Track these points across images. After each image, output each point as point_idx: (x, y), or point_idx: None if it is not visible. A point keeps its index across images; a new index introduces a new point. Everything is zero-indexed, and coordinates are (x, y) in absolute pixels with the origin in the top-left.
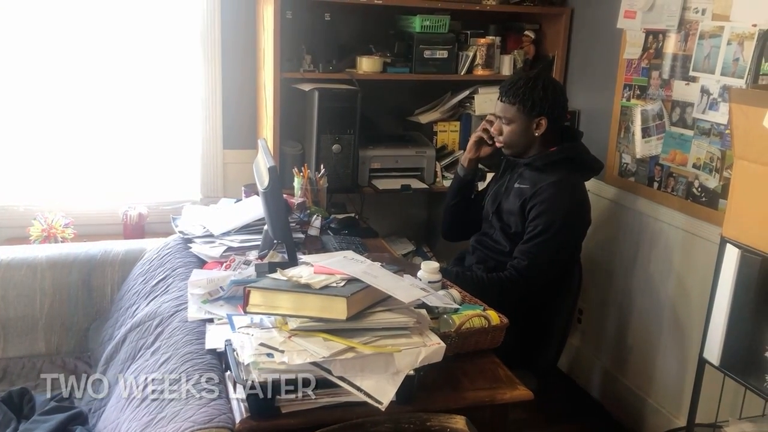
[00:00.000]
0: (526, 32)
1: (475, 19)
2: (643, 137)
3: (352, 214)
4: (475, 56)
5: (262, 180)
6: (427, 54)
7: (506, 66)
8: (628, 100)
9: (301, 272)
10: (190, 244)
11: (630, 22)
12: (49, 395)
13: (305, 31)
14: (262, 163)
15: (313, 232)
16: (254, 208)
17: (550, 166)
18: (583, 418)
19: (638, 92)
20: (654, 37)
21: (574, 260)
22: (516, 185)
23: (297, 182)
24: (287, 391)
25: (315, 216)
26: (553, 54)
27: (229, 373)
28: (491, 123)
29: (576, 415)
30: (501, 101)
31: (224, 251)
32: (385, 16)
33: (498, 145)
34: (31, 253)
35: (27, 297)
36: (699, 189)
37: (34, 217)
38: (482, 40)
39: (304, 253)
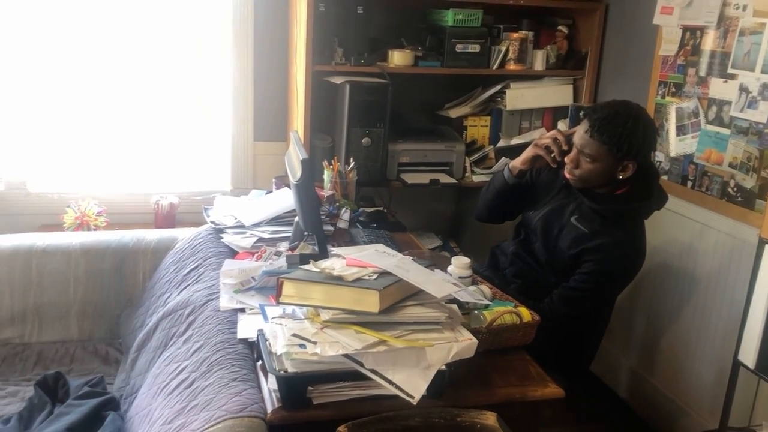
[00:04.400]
0: (560, 27)
1: (508, 14)
2: (678, 135)
3: (381, 208)
4: (507, 51)
5: (295, 172)
6: (459, 48)
7: (539, 61)
8: (663, 97)
9: (334, 264)
10: (221, 235)
11: (667, 18)
12: (83, 380)
13: (337, 24)
14: (295, 156)
15: (342, 224)
16: (285, 200)
17: (617, 217)
18: (611, 417)
19: (673, 90)
20: (691, 34)
21: None
22: (573, 221)
23: (327, 175)
24: (319, 382)
25: (344, 209)
26: (587, 50)
27: (260, 363)
28: (557, 142)
29: (603, 414)
30: (589, 136)
31: (255, 242)
32: (417, 10)
33: (568, 176)
34: (65, 240)
35: (61, 283)
36: (735, 189)
37: (67, 204)
38: (515, 35)
39: (333, 246)
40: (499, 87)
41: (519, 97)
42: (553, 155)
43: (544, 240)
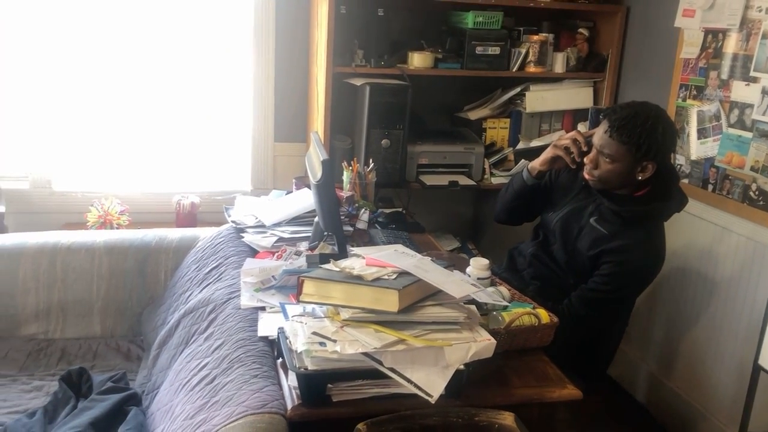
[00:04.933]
0: (580, 30)
1: (528, 16)
2: (699, 138)
3: (399, 209)
4: (527, 53)
5: (315, 172)
6: (479, 50)
7: (559, 63)
8: (684, 100)
9: (353, 264)
10: (242, 234)
11: (688, 20)
12: (106, 376)
13: (358, 26)
14: (315, 156)
15: (361, 225)
16: (304, 200)
17: (636, 219)
18: (628, 421)
19: (695, 92)
20: (713, 37)
21: None
22: (592, 222)
23: (346, 176)
24: (338, 380)
25: (363, 209)
26: (607, 52)
27: (280, 360)
28: (576, 143)
29: (620, 418)
30: (609, 136)
31: (275, 242)
32: (437, 12)
33: (587, 177)
34: (89, 238)
35: (85, 281)
36: (756, 192)
37: (91, 203)
38: (535, 37)
39: (352, 246)
40: (518, 89)
41: (539, 99)
42: (572, 156)
43: (563, 241)
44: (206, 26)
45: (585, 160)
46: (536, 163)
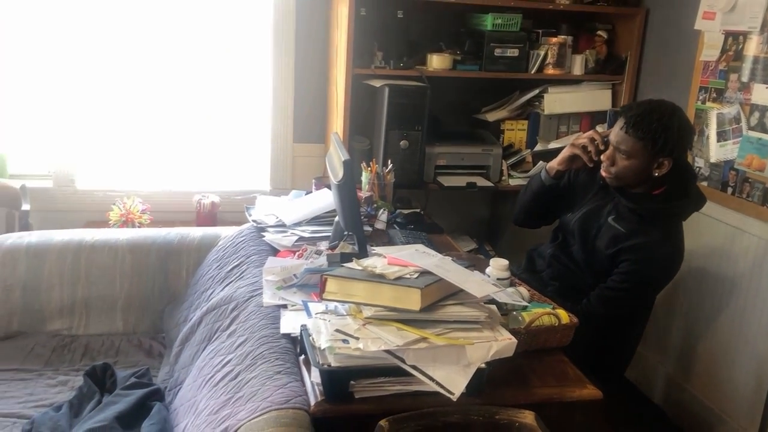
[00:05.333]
0: (599, 32)
1: (547, 18)
2: (718, 141)
3: (418, 210)
4: (546, 55)
5: (336, 172)
6: (497, 52)
7: (577, 66)
8: (704, 103)
9: (375, 263)
10: (263, 233)
11: (709, 23)
12: (129, 371)
13: (378, 28)
14: (336, 157)
15: (380, 225)
16: (324, 200)
17: (654, 216)
18: (645, 424)
19: (714, 95)
20: (734, 39)
21: None
22: (611, 221)
23: (365, 177)
24: (360, 377)
25: (381, 210)
26: (626, 54)
27: (302, 357)
28: (593, 141)
29: (637, 421)
30: (625, 132)
31: (296, 241)
32: (456, 14)
33: (605, 174)
34: (113, 236)
35: (108, 278)
36: None
37: (113, 202)
38: (554, 39)
39: (372, 246)
40: (537, 91)
41: (557, 101)
42: (589, 154)
43: (581, 241)
44: (227, 27)
45: (602, 157)
46: (554, 163)
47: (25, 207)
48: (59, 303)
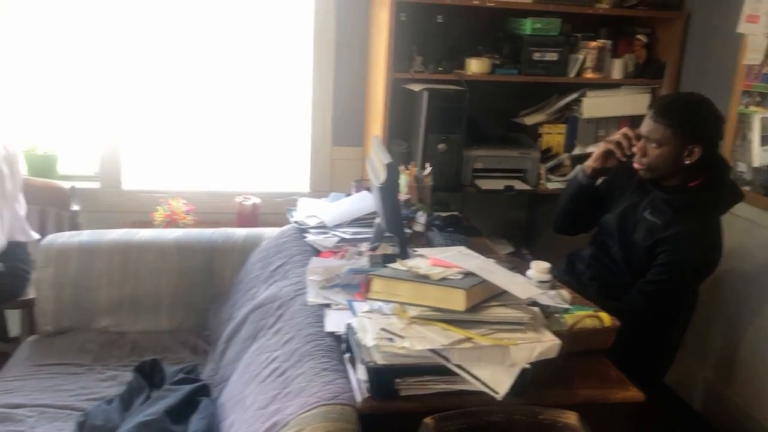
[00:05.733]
0: (639, 36)
1: (586, 22)
2: (762, 145)
3: (456, 212)
4: (585, 59)
5: (378, 175)
6: (536, 56)
7: (616, 70)
8: (747, 107)
9: (419, 264)
10: (304, 234)
11: (752, 26)
12: (177, 367)
13: (417, 32)
14: (378, 160)
15: (419, 228)
16: (364, 203)
17: (689, 207)
18: (685, 430)
19: (758, 99)
20: None
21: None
22: (647, 215)
23: (403, 179)
24: (406, 375)
25: (420, 212)
26: (666, 59)
27: (348, 355)
28: (626, 137)
29: (676, 426)
30: (654, 121)
31: (337, 242)
32: (495, 18)
33: (637, 166)
34: (160, 235)
35: (155, 276)
36: None
37: (157, 203)
38: (593, 44)
39: (412, 248)
40: (575, 95)
41: (596, 105)
42: (623, 149)
43: (619, 237)
44: (268, 31)
45: (634, 149)
46: (589, 161)
47: (74, 208)
48: (108, 300)
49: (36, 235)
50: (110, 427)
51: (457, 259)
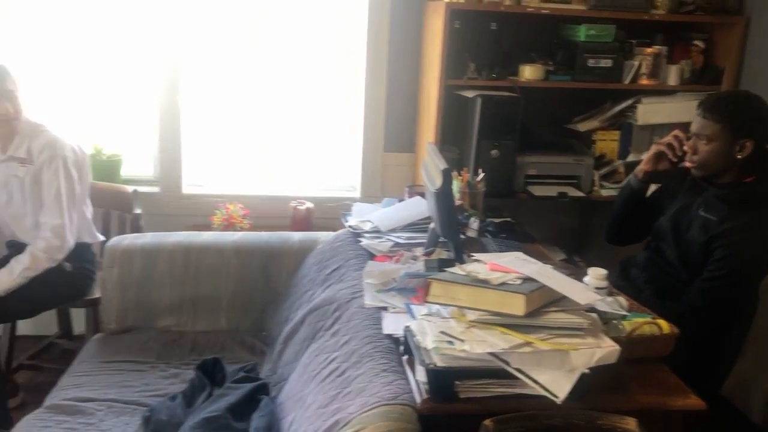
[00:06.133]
0: (695, 42)
1: (641, 28)
2: None
3: (509, 219)
4: (640, 65)
5: (434, 180)
6: (590, 63)
7: (672, 76)
8: None
9: (478, 268)
10: (359, 239)
11: None
12: (238, 366)
13: (471, 39)
14: (433, 165)
15: (471, 234)
16: (418, 208)
17: (744, 201)
18: None
19: None
20: None
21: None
22: (701, 213)
23: (456, 185)
24: (465, 378)
25: (472, 218)
26: (724, 65)
27: (406, 357)
28: (677, 138)
29: None
30: (703, 117)
31: (391, 246)
32: (549, 25)
33: (689, 165)
34: (220, 238)
35: (214, 278)
36: None
37: (215, 206)
38: (648, 50)
39: (466, 254)
40: (630, 102)
41: (651, 111)
42: (674, 150)
43: (674, 237)
44: (323, 38)
45: (685, 148)
46: (641, 164)
47: (137, 211)
48: (169, 300)
49: (101, 237)
50: (174, 423)
51: (515, 264)
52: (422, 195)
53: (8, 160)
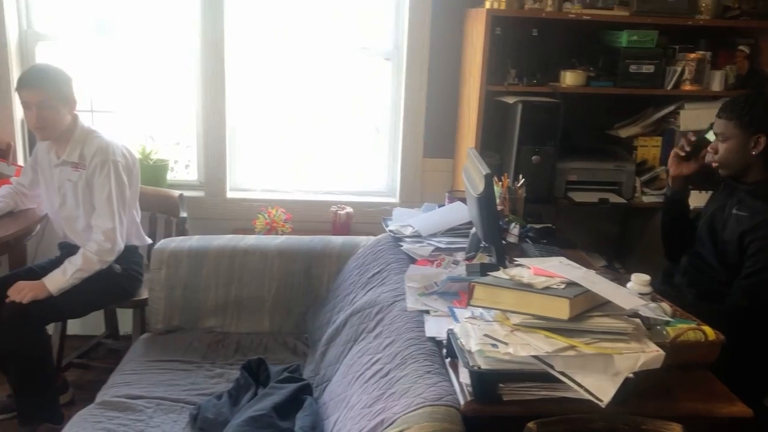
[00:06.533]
0: (740, 47)
1: (684, 34)
2: None
3: (549, 224)
4: (683, 71)
5: (476, 186)
6: (632, 68)
7: (716, 82)
8: None
9: (522, 273)
10: (400, 243)
11: None
12: (282, 366)
13: (511, 46)
14: (475, 171)
15: (512, 239)
16: (458, 213)
17: None
18: None
19: None
20: None
21: None
22: (734, 211)
23: (496, 191)
24: (509, 381)
25: (513, 224)
26: None
27: (449, 360)
28: (688, 140)
29: None
30: (719, 117)
31: (432, 251)
32: (590, 32)
33: (713, 164)
34: (263, 242)
35: (258, 280)
36: None
37: (258, 211)
38: (692, 55)
39: (508, 259)
40: (672, 107)
41: (694, 117)
42: (682, 145)
43: (711, 238)
44: (361, 44)
45: (708, 148)
46: (670, 173)
47: (183, 214)
48: (214, 302)
49: (149, 240)
50: (221, 421)
51: (559, 268)
52: (462, 200)
53: (62, 164)
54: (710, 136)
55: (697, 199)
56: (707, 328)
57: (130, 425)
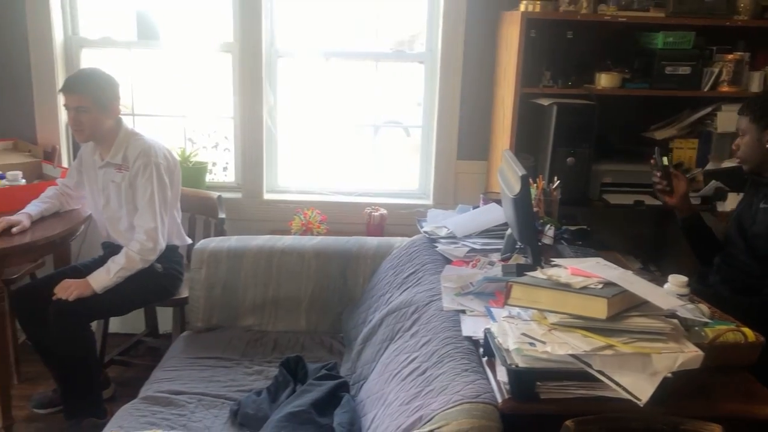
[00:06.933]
0: None
1: (722, 35)
2: None
3: (584, 226)
4: (720, 72)
5: (512, 187)
6: (668, 70)
7: (755, 82)
8: None
9: (559, 273)
10: (435, 244)
11: None
12: (319, 364)
13: (546, 48)
14: (510, 172)
15: (547, 240)
16: (493, 214)
17: None
18: None
19: None
20: None
21: None
22: (762, 205)
23: (531, 193)
24: (546, 379)
25: (548, 226)
26: None
27: (486, 358)
28: (656, 174)
29: None
30: (737, 114)
31: (467, 252)
32: (625, 33)
33: (737, 162)
34: (300, 242)
35: (295, 280)
36: None
37: (294, 212)
38: (730, 56)
39: (543, 260)
40: (709, 109)
41: (731, 119)
42: (658, 184)
43: (740, 234)
44: (395, 47)
45: (732, 146)
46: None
47: (221, 215)
48: (252, 301)
49: (189, 240)
50: (261, 416)
51: (596, 269)
52: (497, 202)
53: (106, 166)
54: (665, 160)
55: (735, 201)
56: (747, 330)
57: (173, 419)
